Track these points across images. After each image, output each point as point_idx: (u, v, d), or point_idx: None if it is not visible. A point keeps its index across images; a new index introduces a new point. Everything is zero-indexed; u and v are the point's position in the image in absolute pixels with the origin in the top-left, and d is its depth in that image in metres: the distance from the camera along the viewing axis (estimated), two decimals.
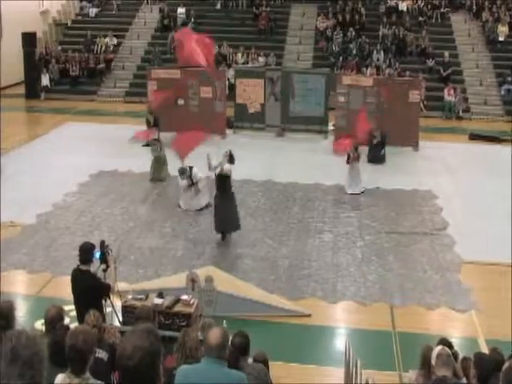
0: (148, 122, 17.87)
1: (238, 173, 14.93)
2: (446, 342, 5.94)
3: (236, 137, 18.70)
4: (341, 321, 9.64)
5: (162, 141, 15.68)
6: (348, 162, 14.30)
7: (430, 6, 26.55)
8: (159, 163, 14.96)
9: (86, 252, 7.12)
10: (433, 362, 5.08)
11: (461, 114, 21.78)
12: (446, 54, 23.46)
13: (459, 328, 9.43)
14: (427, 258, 11.23)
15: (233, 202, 11.43)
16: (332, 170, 15.34)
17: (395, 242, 11.86)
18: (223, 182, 11.22)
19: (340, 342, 8.73)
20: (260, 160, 16.09)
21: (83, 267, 7.09)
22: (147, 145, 17.00)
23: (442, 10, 26.39)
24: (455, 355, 5.72)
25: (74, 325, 6.32)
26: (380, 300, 9.86)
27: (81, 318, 6.81)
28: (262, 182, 14.86)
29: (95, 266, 7.51)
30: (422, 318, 9.47)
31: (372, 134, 16.55)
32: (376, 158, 16.51)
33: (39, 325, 7.14)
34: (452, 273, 10.73)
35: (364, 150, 16.38)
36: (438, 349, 5.16)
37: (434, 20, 26.22)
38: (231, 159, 11.22)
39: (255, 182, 14.88)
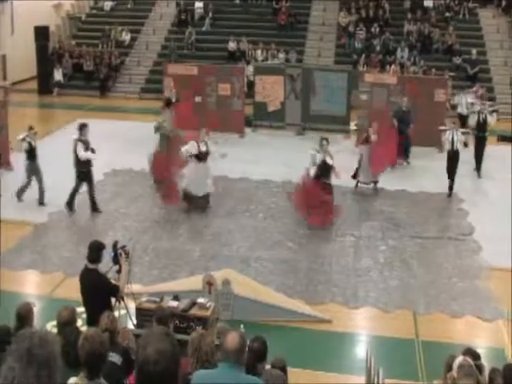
0: (167, 101, 16.96)
1: (256, 173, 14.75)
2: (472, 353, 5.76)
3: (255, 135, 18.48)
4: (362, 327, 9.49)
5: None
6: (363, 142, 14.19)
7: (456, 1, 25.86)
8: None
9: (94, 250, 6.96)
10: (454, 373, 4.90)
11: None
12: (474, 51, 22.79)
13: (486, 337, 9.22)
14: (452, 264, 10.99)
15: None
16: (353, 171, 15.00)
17: (419, 247, 11.63)
18: (328, 170, 12.55)
19: (361, 350, 8.69)
20: (279, 160, 15.79)
21: (91, 266, 6.95)
22: None
23: (469, 5, 25.70)
24: (480, 367, 5.46)
25: (85, 327, 6.17)
26: (403, 307, 9.67)
27: (89, 319, 6.74)
28: (282, 183, 14.53)
29: (108, 267, 7.34)
30: (447, 327, 9.26)
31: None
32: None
33: (51, 326, 7.02)
34: (478, 280, 10.49)
35: None
36: (459, 359, 5.00)
37: (461, 16, 25.58)
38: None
39: (275, 183, 14.60)
